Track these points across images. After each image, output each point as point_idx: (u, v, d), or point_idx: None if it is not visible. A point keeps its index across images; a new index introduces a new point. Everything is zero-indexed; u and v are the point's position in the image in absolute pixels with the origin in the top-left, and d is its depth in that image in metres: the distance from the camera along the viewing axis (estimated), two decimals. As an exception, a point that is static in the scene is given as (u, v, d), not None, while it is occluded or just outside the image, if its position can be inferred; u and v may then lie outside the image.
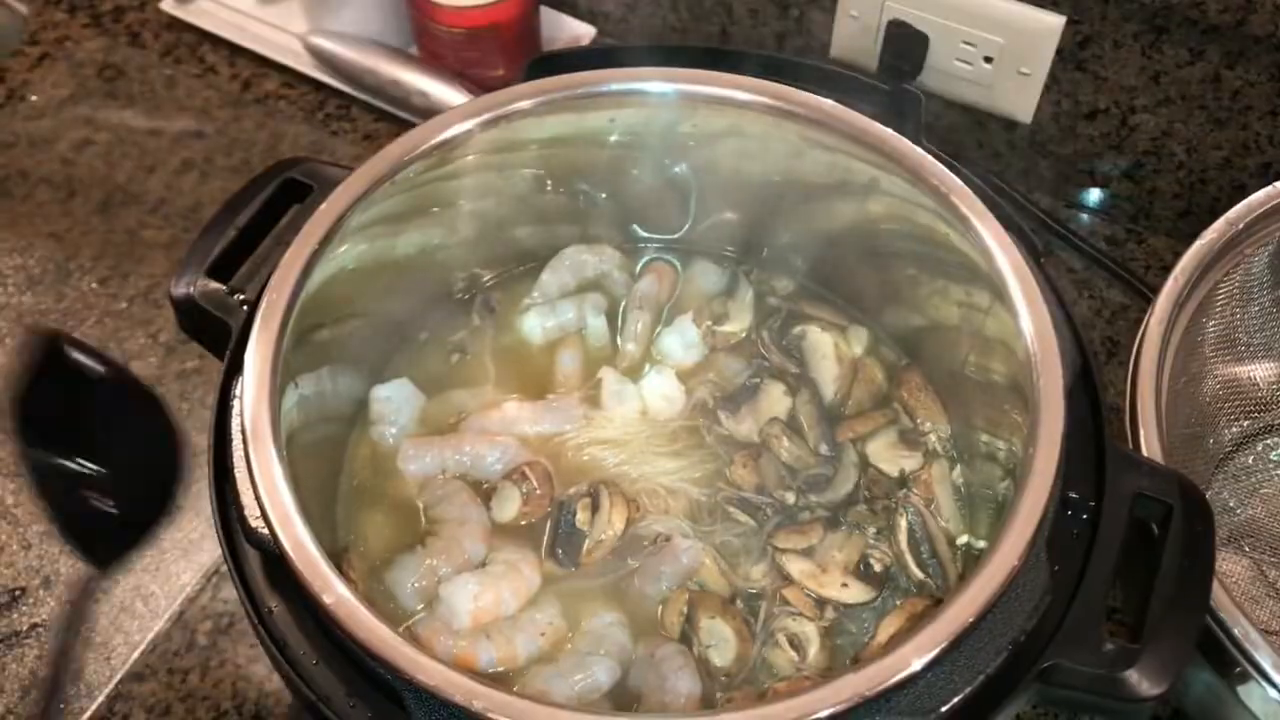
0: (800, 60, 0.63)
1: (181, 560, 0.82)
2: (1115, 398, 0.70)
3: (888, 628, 0.61)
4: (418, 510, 0.62)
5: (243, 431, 0.49)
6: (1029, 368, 0.50)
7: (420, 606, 0.58)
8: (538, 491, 0.63)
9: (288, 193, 0.61)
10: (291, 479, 0.48)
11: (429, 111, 1.00)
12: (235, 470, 0.50)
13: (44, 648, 0.77)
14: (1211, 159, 0.90)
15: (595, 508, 0.61)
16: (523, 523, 0.63)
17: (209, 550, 0.81)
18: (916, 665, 0.46)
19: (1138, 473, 0.52)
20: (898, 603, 0.63)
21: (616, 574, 0.61)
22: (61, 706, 0.74)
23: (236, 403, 0.51)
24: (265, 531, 0.47)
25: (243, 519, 0.49)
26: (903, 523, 0.66)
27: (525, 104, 0.60)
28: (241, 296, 0.57)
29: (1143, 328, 0.67)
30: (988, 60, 0.92)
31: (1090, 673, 0.49)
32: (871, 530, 0.66)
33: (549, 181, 0.65)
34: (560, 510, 0.62)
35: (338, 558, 0.56)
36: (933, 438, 0.69)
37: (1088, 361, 0.53)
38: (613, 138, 0.64)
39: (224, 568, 0.56)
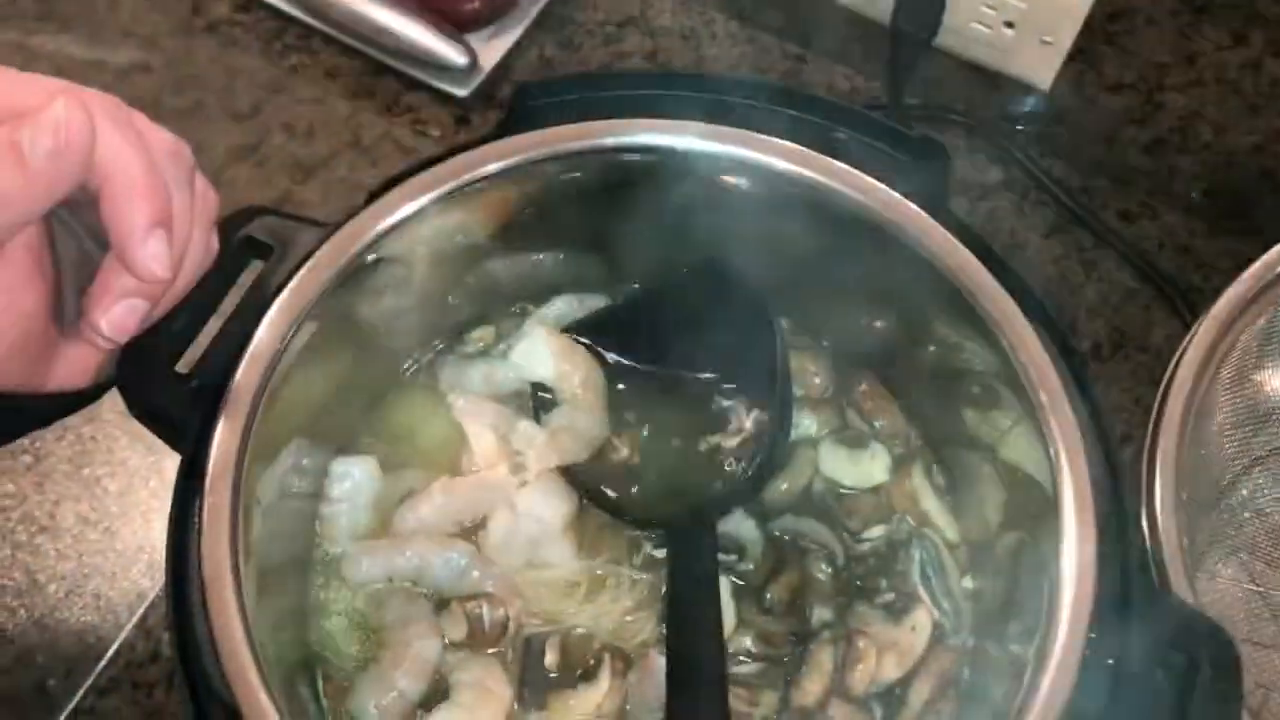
0: (815, 96, 0.56)
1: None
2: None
3: (920, 693, 0.59)
4: (368, 621, 0.57)
5: (202, 591, 0.44)
6: (1057, 531, 0.47)
7: None
8: (491, 629, 0.57)
9: (246, 248, 0.54)
10: (256, 633, 0.44)
11: (397, 52, 0.93)
12: (195, 623, 0.45)
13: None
14: (1242, 144, 0.84)
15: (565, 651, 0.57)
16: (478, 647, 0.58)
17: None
18: None
19: (1165, 621, 0.48)
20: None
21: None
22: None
23: (193, 534, 0.46)
24: (227, 696, 0.44)
25: (205, 676, 0.45)
26: (916, 556, 0.62)
27: (495, 166, 0.53)
28: (195, 383, 0.51)
29: (1158, 400, 0.62)
30: (1009, 25, 0.85)
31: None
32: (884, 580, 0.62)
33: (530, 233, 0.59)
34: (527, 646, 0.58)
35: (311, 673, 0.53)
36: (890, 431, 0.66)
37: (1123, 505, 0.49)
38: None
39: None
